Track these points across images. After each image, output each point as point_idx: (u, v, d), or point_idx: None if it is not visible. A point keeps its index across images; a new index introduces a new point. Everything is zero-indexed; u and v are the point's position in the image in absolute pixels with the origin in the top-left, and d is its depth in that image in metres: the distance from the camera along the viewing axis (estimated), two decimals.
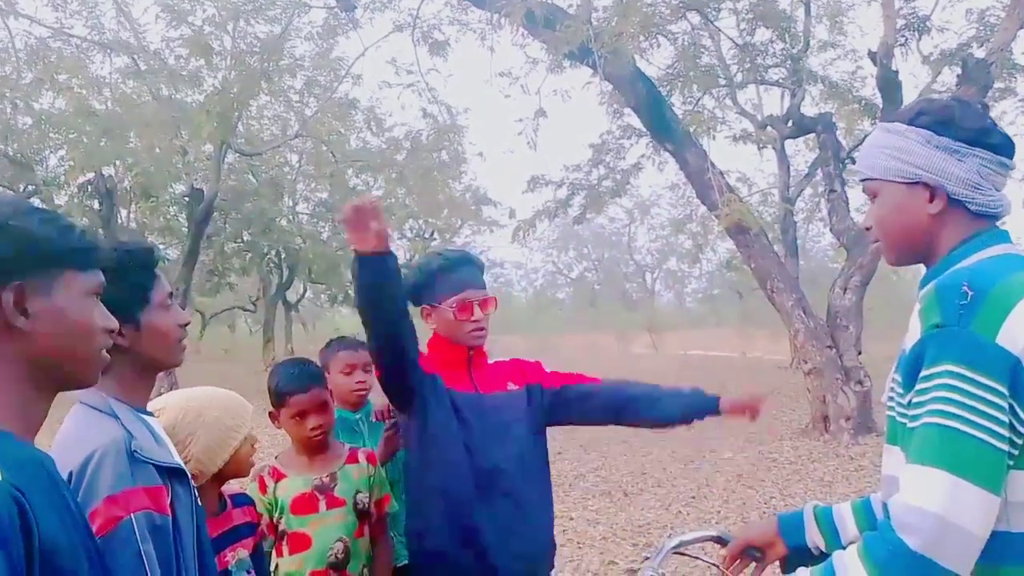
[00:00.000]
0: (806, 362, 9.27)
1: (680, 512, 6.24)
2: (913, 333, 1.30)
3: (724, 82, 12.54)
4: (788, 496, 6.57)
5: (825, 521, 1.64)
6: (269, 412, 2.30)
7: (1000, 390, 1.19)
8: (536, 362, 2.39)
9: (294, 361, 2.36)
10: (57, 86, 11.95)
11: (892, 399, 1.40)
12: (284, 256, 20.38)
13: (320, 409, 2.24)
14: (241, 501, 2.10)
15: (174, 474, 1.47)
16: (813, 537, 1.64)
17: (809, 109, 12.69)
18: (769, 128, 13.73)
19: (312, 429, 2.22)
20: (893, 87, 9.04)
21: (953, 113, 1.36)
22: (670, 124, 9.52)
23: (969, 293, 1.23)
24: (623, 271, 45.22)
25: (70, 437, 1.42)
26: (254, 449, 2.02)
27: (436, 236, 21.32)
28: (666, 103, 9.93)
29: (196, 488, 1.58)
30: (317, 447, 2.27)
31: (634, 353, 26.74)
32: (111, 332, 1.18)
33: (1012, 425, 1.19)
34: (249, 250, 19.44)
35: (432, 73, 20.05)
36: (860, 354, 9.36)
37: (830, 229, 10.88)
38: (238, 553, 2.00)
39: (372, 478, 2.30)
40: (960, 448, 1.18)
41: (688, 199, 19.07)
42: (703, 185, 9.41)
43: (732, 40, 11.80)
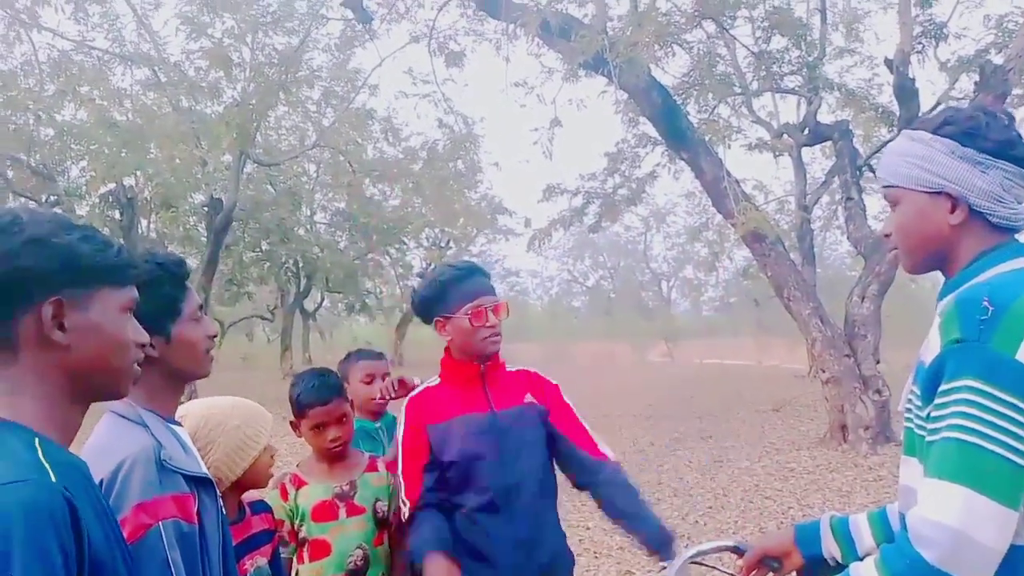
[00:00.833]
0: (824, 371, 9.21)
1: (697, 522, 6.21)
2: (933, 346, 1.30)
3: (740, 90, 12.50)
4: (806, 506, 6.52)
5: (841, 532, 1.64)
6: (290, 421, 2.33)
7: (1019, 406, 1.19)
8: (555, 387, 2.35)
9: (315, 372, 2.37)
10: (79, 98, 12.12)
11: (910, 410, 1.40)
12: (302, 265, 20.50)
13: (339, 421, 2.26)
14: (259, 508, 2.12)
15: (201, 483, 1.49)
16: (829, 548, 1.64)
17: (825, 116, 12.63)
18: (785, 136, 13.67)
19: (331, 440, 2.25)
20: (910, 94, 8.98)
21: (979, 124, 1.36)
22: (685, 133, 9.52)
23: (990, 308, 1.23)
24: (639, 279, 45.01)
25: (101, 445, 1.44)
26: (273, 460, 2.04)
27: (452, 245, 21.38)
28: (681, 112, 9.92)
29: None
30: (337, 456, 2.30)
31: (650, 362, 26.62)
32: (142, 346, 1.21)
33: None
34: (267, 259, 19.57)
35: (448, 83, 20.22)
36: (878, 363, 9.28)
37: (847, 237, 10.80)
38: (256, 561, 2.02)
39: (391, 486, 2.32)
40: (979, 463, 1.19)
41: (704, 207, 18.98)
42: (719, 193, 9.38)
43: (748, 48, 11.76)
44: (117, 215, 14.26)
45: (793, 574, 1.70)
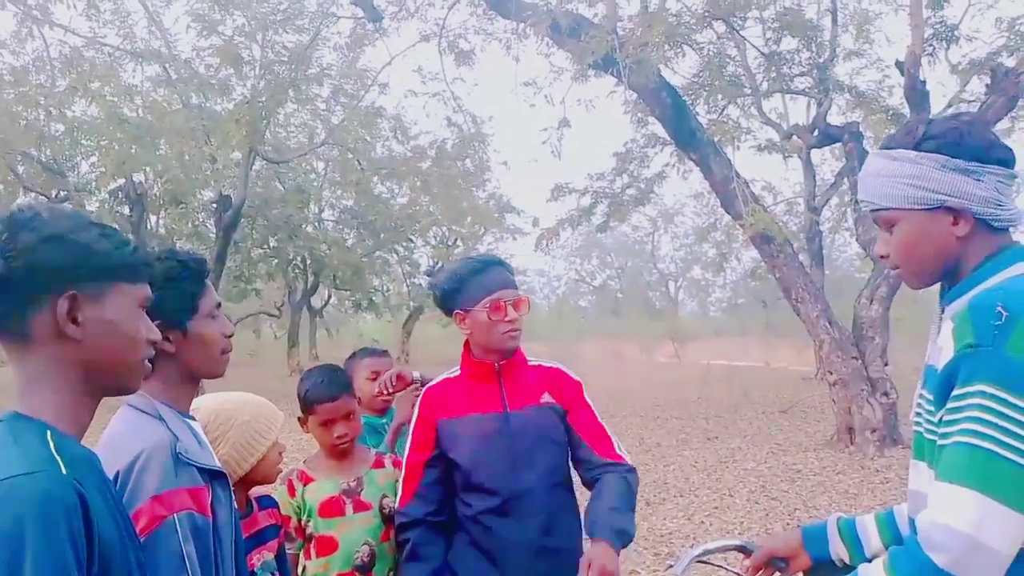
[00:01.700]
0: (831, 373, 9.19)
1: (703, 522, 6.21)
2: (946, 351, 1.30)
3: (749, 91, 12.48)
4: (812, 508, 6.51)
5: (849, 533, 1.64)
6: (298, 417, 2.35)
7: None
8: (577, 384, 2.27)
9: (323, 369, 2.38)
10: (90, 94, 12.15)
11: (920, 415, 1.40)
12: (309, 262, 20.54)
13: (347, 418, 2.28)
14: (266, 504, 2.13)
15: (215, 477, 1.51)
16: (837, 550, 1.64)
17: (835, 118, 12.58)
18: (795, 137, 13.63)
19: (338, 437, 2.26)
20: (921, 97, 8.95)
21: (960, 133, 1.35)
22: (695, 133, 9.50)
23: (1004, 314, 1.23)
24: (646, 279, 44.97)
25: (117, 438, 1.46)
26: (281, 456, 2.05)
27: (460, 243, 21.38)
28: (691, 112, 9.90)
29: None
30: (344, 453, 2.31)
31: (657, 362, 26.58)
32: (154, 343, 1.23)
33: None
34: (275, 256, 19.61)
35: (457, 82, 20.22)
36: (886, 365, 9.26)
37: (856, 239, 10.78)
38: (263, 556, 2.03)
39: (398, 483, 2.33)
40: (991, 468, 1.19)
41: (712, 208, 18.94)
42: (728, 194, 9.37)
43: (758, 49, 11.74)
44: (126, 211, 14.32)
45: (799, 575, 1.71)
